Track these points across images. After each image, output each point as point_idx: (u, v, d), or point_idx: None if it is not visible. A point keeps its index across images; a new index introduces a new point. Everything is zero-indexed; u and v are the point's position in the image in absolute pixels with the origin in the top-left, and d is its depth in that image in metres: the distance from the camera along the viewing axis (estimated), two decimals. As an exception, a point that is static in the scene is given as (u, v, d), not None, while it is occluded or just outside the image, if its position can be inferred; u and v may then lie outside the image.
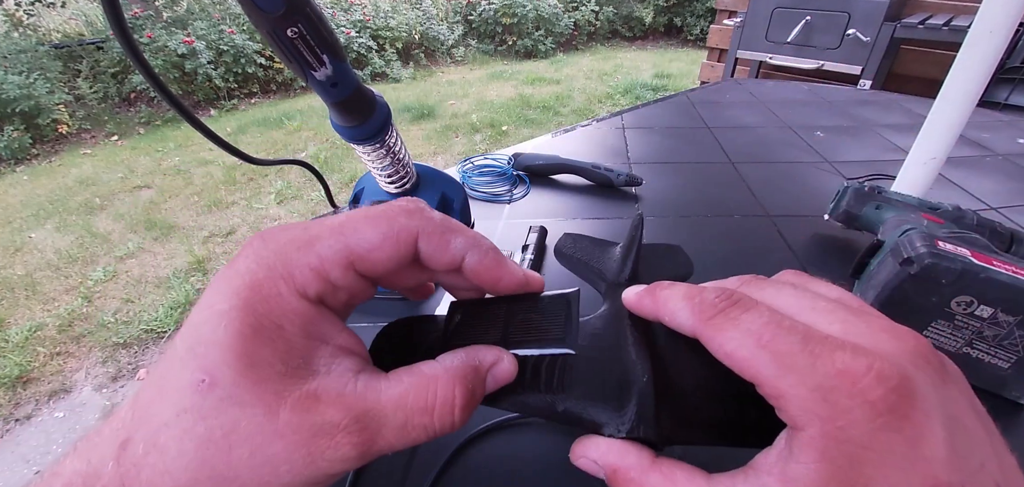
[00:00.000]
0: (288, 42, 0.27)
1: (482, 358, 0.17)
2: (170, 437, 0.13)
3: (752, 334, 0.14)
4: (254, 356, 0.14)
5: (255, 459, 0.13)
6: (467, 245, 0.17)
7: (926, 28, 1.79)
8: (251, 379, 0.13)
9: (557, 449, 0.29)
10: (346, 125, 0.35)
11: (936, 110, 0.45)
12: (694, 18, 6.05)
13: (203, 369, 0.13)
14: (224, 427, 0.13)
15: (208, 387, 0.13)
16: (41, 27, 3.78)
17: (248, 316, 0.14)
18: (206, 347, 0.13)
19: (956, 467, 0.12)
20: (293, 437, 0.13)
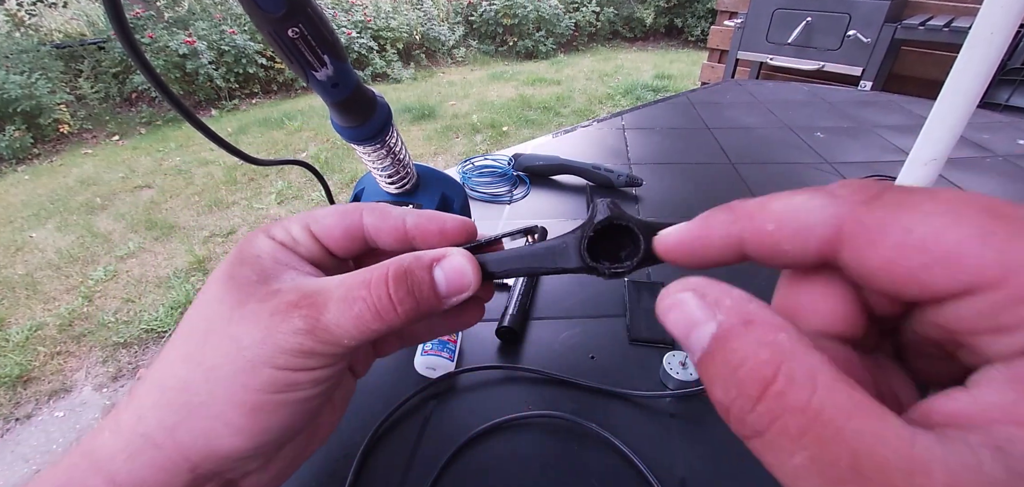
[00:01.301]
0: (289, 42, 0.27)
1: (423, 254, 0.17)
2: (166, 348, 0.17)
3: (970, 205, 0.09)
4: (235, 274, 0.17)
5: (222, 340, 0.16)
6: (404, 213, 0.19)
7: (927, 29, 1.79)
8: (229, 287, 0.16)
9: (557, 449, 0.29)
10: (347, 125, 0.36)
11: (936, 111, 0.45)
12: (695, 19, 6.04)
13: (199, 294, 0.17)
14: (202, 322, 0.16)
15: (199, 301, 0.17)
16: (43, 27, 3.79)
17: (235, 254, 0.18)
18: (207, 283, 0.17)
19: None
20: (253, 319, 0.16)
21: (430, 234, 0.19)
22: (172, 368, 0.16)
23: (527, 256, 0.18)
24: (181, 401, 0.15)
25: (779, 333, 0.09)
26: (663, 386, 0.33)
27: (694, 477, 0.27)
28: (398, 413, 0.31)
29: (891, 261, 0.09)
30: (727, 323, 0.10)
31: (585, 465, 0.28)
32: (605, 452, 0.29)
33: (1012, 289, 0.08)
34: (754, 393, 0.09)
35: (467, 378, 0.34)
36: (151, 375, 0.16)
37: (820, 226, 0.10)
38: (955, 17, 1.84)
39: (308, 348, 0.16)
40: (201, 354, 0.16)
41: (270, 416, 0.16)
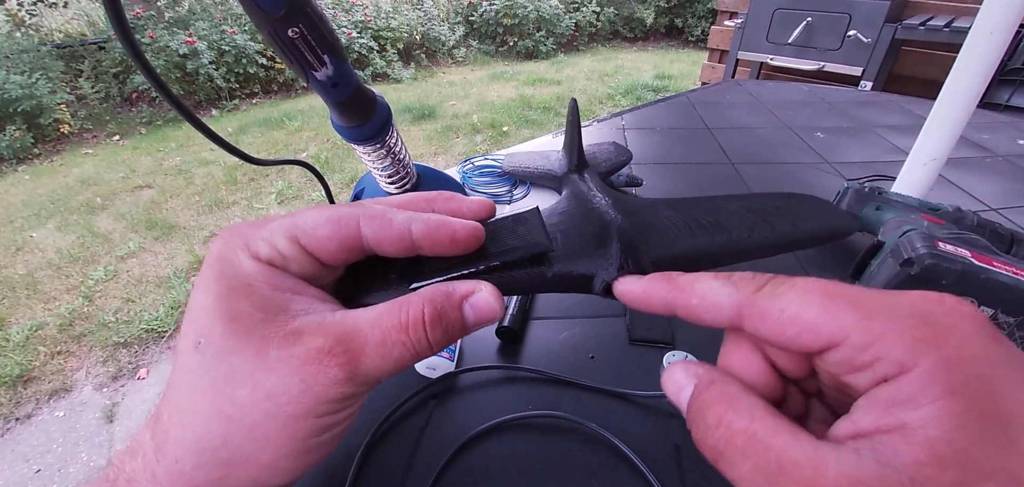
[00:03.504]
0: (289, 42, 0.27)
1: (454, 286, 0.17)
2: (184, 397, 0.15)
3: (815, 290, 0.13)
4: (234, 311, 0.15)
5: (256, 394, 0.15)
6: (410, 218, 0.17)
7: (927, 29, 1.79)
8: (236, 330, 0.15)
9: (557, 449, 0.29)
10: (347, 125, 0.36)
11: (936, 111, 0.45)
12: (695, 19, 6.04)
13: (196, 333, 0.15)
14: (224, 374, 0.15)
15: (203, 346, 0.15)
16: (43, 27, 3.79)
17: (221, 281, 0.16)
18: (196, 315, 0.16)
19: None
20: (284, 369, 0.15)
21: (441, 245, 0.18)
22: (206, 425, 0.15)
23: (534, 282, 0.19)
24: (224, 457, 0.15)
25: (729, 386, 0.14)
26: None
27: (694, 478, 0.27)
28: (398, 413, 0.31)
29: (775, 331, 0.14)
30: (699, 383, 0.15)
31: (585, 465, 0.28)
32: (605, 452, 0.29)
33: (851, 343, 0.12)
34: (714, 425, 0.14)
35: (467, 378, 0.34)
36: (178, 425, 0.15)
37: (727, 307, 0.15)
38: (955, 17, 1.84)
39: (348, 394, 0.16)
40: (235, 411, 0.15)
41: (312, 455, 0.16)
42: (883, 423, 0.11)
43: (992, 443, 0.10)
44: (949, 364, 0.11)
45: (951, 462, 0.10)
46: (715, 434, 0.14)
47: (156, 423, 0.16)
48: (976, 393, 0.11)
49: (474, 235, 0.18)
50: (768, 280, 0.14)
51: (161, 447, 0.15)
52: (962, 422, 0.10)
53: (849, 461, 0.11)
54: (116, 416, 1.36)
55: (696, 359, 0.23)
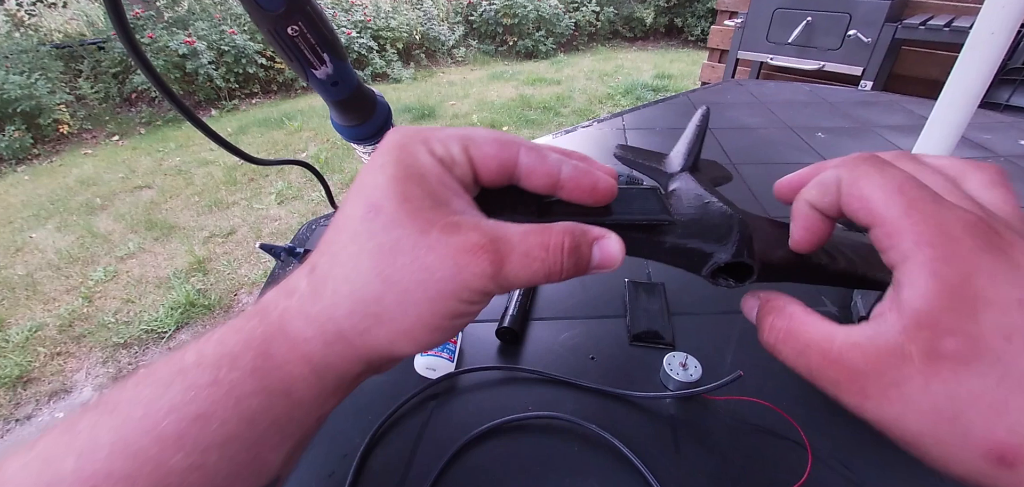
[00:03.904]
0: (289, 40, 0.27)
1: (588, 227, 0.19)
2: (347, 255, 0.18)
3: (895, 181, 0.16)
4: (407, 192, 0.17)
5: (414, 266, 0.17)
6: (561, 159, 0.20)
7: (927, 29, 1.79)
8: (406, 208, 0.17)
9: (557, 450, 0.29)
10: (347, 124, 0.35)
11: (938, 111, 0.45)
12: (695, 19, 6.04)
13: (370, 202, 0.18)
14: (389, 242, 0.17)
15: (375, 214, 0.17)
16: (42, 27, 3.79)
17: (400, 166, 0.18)
18: (371, 188, 0.18)
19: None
20: (442, 251, 0.17)
21: (582, 190, 0.20)
22: (365, 282, 0.17)
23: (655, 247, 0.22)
24: (374, 312, 0.17)
25: (777, 301, 0.19)
26: (663, 387, 0.33)
27: (694, 478, 0.27)
28: (398, 414, 0.31)
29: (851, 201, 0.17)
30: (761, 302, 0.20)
31: (585, 466, 0.28)
32: (605, 453, 0.29)
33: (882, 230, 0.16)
34: (767, 329, 0.19)
35: (467, 379, 0.34)
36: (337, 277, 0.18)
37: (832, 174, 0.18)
38: (955, 17, 1.84)
39: (489, 290, 0.18)
40: (393, 274, 0.17)
41: (443, 334, 0.18)
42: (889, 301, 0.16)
43: (958, 313, 0.14)
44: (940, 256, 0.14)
45: (926, 326, 0.14)
46: (768, 335, 0.19)
47: (312, 272, 0.18)
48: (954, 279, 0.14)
49: (610, 189, 0.21)
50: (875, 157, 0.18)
51: (317, 292, 0.18)
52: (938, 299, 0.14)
53: (851, 332, 0.16)
54: (116, 416, 1.36)
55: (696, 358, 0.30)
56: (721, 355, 0.35)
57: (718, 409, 0.31)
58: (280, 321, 0.18)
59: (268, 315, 0.18)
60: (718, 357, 0.35)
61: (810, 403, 0.31)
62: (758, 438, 0.29)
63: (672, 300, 0.40)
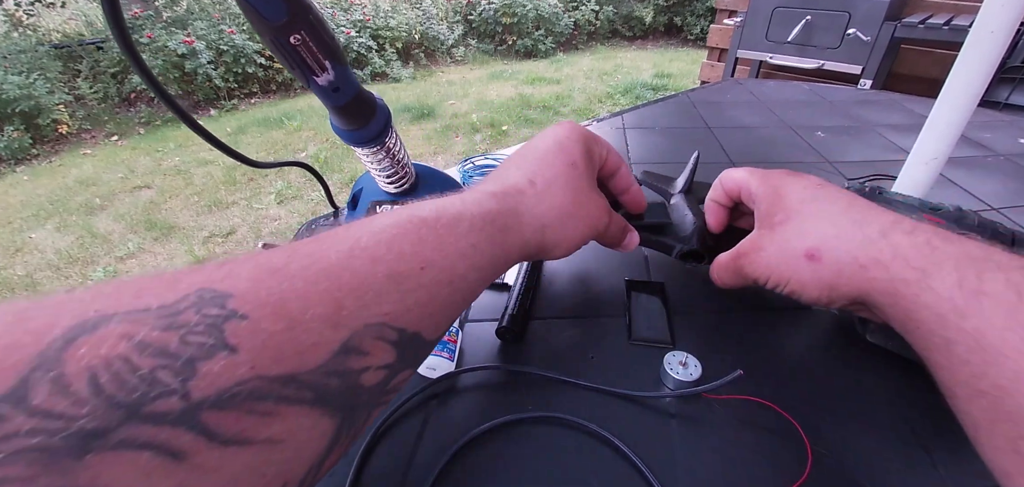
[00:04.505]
0: (291, 49, 0.27)
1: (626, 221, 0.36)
2: (558, 184, 0.29)
3: (740, 170, 0.33)
4: (588, 163, 0.31)
5: (586, 206, 0.30)
6: (633, 181, 0.36)
7: (926, 28, 1.79)
8: (588, 171, 0.31)
9: (557, 449, 0.29)
10: (347, 128, 0.35)
11: (937, 110, 0.45)
12: (694, 18, 6.04)
13: (572, 159, 0.30)
14: (579, 187, 0.30)
15: (573, 167, 0.30)
16: (41, 27, 3.78)
17: (585, 146, 0.31)
18: (571, 151, 0.30)
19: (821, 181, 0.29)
20: (595, 202, 0.31)
21: (635, 205, 0.37)
22: (567, 204, 0.29)
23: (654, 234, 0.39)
24: (562, 220, 0.29)
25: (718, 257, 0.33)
26: (663, 386, 0.33)
27: (694, 477, 0.27)
28: (398, 413, 0.31)
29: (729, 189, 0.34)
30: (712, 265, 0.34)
31: (585, 465, 0.28)
32: (605, 452, 0.29)
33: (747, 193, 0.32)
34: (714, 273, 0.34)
35: (467, 378, 0.34)
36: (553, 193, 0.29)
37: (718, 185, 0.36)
38: (955, 15, 1.84)
39: (600, 236, 0.33)
40: (578, 207, 0.30)
41: (583, 242, 0.31)
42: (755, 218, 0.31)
43: (777, 204, 0.29)
44: (767, 187, 0.30)
45: (766, 216, 0.30)
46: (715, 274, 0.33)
47: (532, 183, 0.29)
48: (774, 193, 0.29)
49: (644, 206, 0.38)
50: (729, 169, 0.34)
51: (540, 199, 0.28)
52: (769, 202, 0.29)
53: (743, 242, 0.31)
54: (116, 417, 1.36)
55: (696, 357, 0.34)
56: (721, 354, 0.35)
57: (718, 408, 0.31)
58: (515, 207, 0.27)
59: (506, 200, 0.27)
60: (718, 356, 0.35)
61: (810, 403, 0.31)
62: (758, 437, 0.29)
63: (672, 300, 0.40)
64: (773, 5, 2.09)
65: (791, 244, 0.27)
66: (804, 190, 0.28)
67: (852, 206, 0.26)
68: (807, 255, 0.26)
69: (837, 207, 0.27)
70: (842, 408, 0.31)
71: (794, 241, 0.27)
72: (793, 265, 0.27)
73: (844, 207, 0.26)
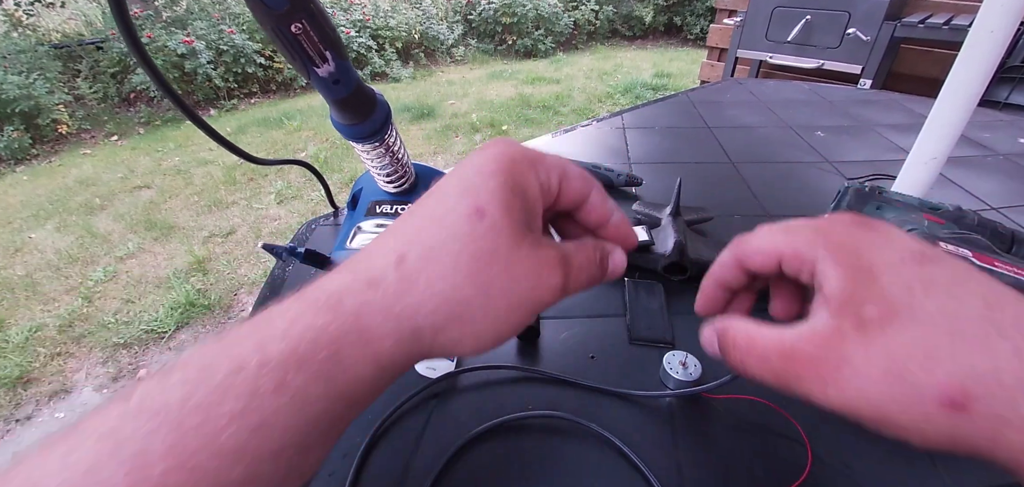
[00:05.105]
0: (292, 38, 0.27)
1: (604, 243, 0.23)
2: (446, 253, 0.18)
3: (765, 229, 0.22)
4: (511, 204, 0.19)
5: (504, 274, 0.18)
6: (613, 208, 0.24)
7: (926, 27, 1.79)
8: (508, 219, 0.18)
9: (557, 449, 0.29)
10: (347, 123, 0.35)
11: (937, 110, 0.45)
12: (694, 17, 6.04)
13: (477, 204, 0.18)
14: (488, 247, 0.18)
15: (479, 217, 0.18)
16: (40, 27, 3.78)
17: (509, 179, 0.19)
18: (478, 190, 0.19)
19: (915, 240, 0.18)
20: (528, 263, 0.19)
21: (623, 239, 0.24)
22: (460, 284, 0.18)
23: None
24: (458, 313, 0.18)
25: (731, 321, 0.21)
26: (663, 386, 0.33)
27: (694, 477, 0.27)
28: (398, 413, 0.31)
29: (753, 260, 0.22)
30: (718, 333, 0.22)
31: (585, 464, 0.28)
32: (605, 452, 0.29)
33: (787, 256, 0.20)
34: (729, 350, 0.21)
35: (467, 378, 0.34)
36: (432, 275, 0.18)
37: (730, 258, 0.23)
38: (954, 15, 1.84)
39: (556, 300, 0.20)
40: (486, 279, 0.18)
41: (503, 338, 0.20)
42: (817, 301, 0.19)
43: (864, 284, 0.17)
44: (833, 249, 0.18)
45: (847, 303, 0.17)
46: (734, 354, 0.21)
47: (400, 263, 0.18)
48: (850, 261, 0.18)
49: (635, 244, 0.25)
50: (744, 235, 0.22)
51: (407, 286, 0.18)
52: (846, 279, 0.17)
53: (795, 328, 0.18)
54: (116, 417, 1.36)
55: (696, 357, 0.32)
56: (721, 354, 0.35)
57: (718, 408, 0.31)
58: (357, 317, 0.17)
59: (342, 307, 0.17)
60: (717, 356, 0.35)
61: (810, 403, 0.31)
62: (758, 436, 0.29)
63: (672, 300, 0.40)
64: (773, 5, 2.09)
65: (910, 372, 0.15)
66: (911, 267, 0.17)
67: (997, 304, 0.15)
68: (945, 402, 0.15)
69: (974, 306, 0.15)
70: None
71: (916, 368, 0.15)
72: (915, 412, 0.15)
73: (984, 306, 0.15)
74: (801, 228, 0.20)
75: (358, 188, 0.47)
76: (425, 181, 0.46)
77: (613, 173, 0.59)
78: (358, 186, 0.47)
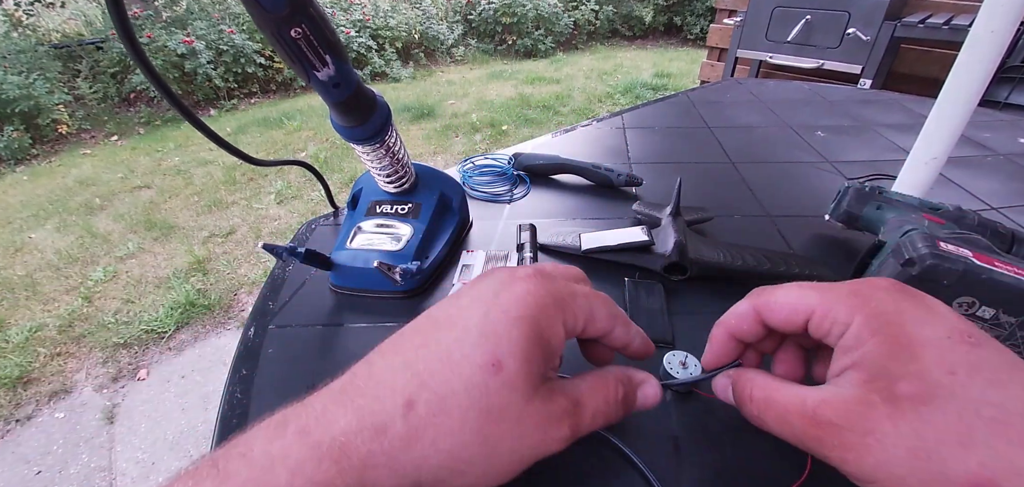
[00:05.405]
0: (291, 42, 0.27)
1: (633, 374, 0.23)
2: (457, 405, 0.17)
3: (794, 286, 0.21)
4: (530, 356, 0.18)
5: (513, 431, 0.18)
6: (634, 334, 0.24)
7: (926, 27, 1.79)
8: (525, 372, 0.18)
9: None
10: (347, 125, 0.35)
11: (937, 110, 0.45)
12: (694, 17, 6.04)
13: (495, 356, 0.18)
14: (501, 404, 0.17)
15: (496, 370, 0.17)
16: (40, 27, 3.78)
17: (534, 328, 0.19)
18: (499, 339, 0.18)
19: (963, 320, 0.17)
20: (538, 418, 0.18)
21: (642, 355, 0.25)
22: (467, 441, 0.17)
23: None
24: (459, 468, 0.17)
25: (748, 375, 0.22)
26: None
27: (694, 477, 0.27)
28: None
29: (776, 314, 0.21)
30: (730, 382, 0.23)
31: (585, 464, 0.28)
32: (605, 452, 0.29)
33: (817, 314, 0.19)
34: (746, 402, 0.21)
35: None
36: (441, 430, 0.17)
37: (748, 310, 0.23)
38: (954, 15, 1.84)
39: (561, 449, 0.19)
40: (493, 435, 0.17)
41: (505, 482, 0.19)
42: (842, 364, 0.18)
43: (902, 359, 0.16)
44: (872, 316, 0.17)
45: (880, 375, 0.17)
46: (751, 407, 0.21)
47: (409, 410, 0.17)
48: (890, 331, 0.17)
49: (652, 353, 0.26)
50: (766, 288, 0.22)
51: (415, 438, 0.17)
52: (883, 350, 0.17)
53: (818, 390, 0.18)
54: (116, 417, 1.36)
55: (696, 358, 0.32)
56: (721, 354, 0.35)
57: (718, 407, 0.31)
58: (361, 470, 0.16)
59: (348, 459, 0.16)
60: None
61: (810, 402, 0.31)
62: (758, 436, 0.29)
63: (672, 300, 0.40)
64: (773, 5, 2.09)
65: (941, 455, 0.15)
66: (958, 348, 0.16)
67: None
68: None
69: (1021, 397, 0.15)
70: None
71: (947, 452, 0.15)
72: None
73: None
74: (838, 289, 0.19)
75: (358, 188, 0.47)
76: (425, 181, 0.46)
77: (613, 173, 0.59)
78: (358, 186, 0.47)
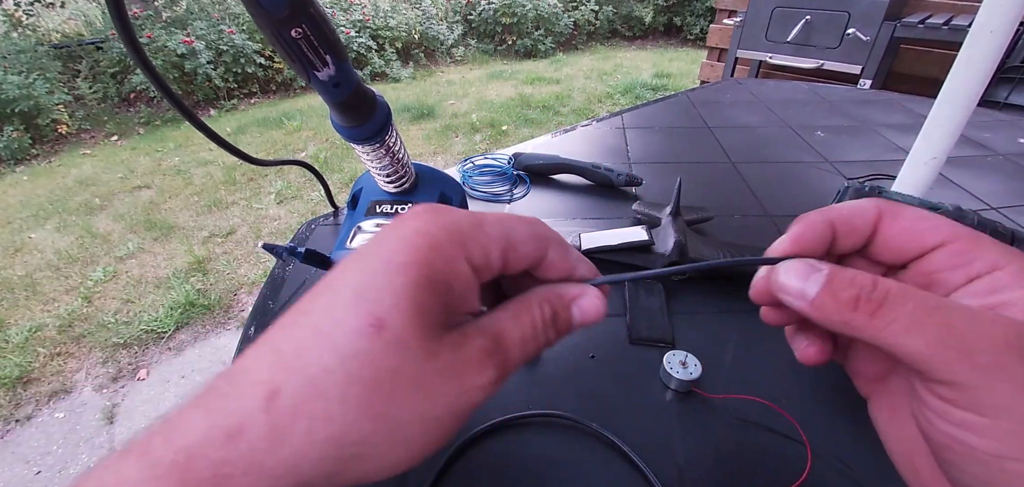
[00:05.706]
0: (292, 42, 0.27)
1: (563, 291, 0.18)
2: (332, 383, 0.13)
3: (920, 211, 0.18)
4: (423, 305, 0.14)
5: (414, 395, 0.14)
6: (578, 259, 0.19)
7: (926, 27, 1.79)
8: (418, 325, 0.14)
9: (557, 449, 0.29)
10: (347, 125, 0.35)
11: (936, 110, 0.45)
12: (694, 17, 6.04)
13: (373, 315, 0.14)
14: (390, 370, 0.14)
15: (376, 331, 0.14)
16: (40, 27, 3.78)
17: (425, 270, 0.15)
18: (379, 294, 0.14)
19: None
20: (447, 372, 0.15)
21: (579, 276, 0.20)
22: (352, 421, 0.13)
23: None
24: (354, 454, 0.14)
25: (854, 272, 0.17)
26: (663, 386, 0.33)
27: (694, 477, 0.27)
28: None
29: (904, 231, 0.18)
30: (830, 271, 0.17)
31: (585, 463, 0.28)
32: (605, 450, 0.29)
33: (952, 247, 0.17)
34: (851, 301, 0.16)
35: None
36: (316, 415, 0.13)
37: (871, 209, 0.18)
38: (954, 15, 1.84)
39: (492, 395, 0.16)
40: (388, 411, 0.14)
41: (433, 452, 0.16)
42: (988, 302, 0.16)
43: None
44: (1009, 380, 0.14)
45: None
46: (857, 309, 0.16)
47: (272, 400, 0.13)
48: None
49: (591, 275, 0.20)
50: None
51: (281, 434, 0.13)
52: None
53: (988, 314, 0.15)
54: (116, 417, 1.36)
55: (696, 358, 0.31)
56: (721, 353, 0.35)
57: (718, 407, 0.31)
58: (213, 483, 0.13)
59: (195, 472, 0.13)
60: (718, 355, 0.35)
61: (809, 401, 0.31)
62: (757, 436, 0.29)
63: (672, 299, 0.40)
64: (773, 5, 2.09)
65: None
66: None
67: None
68: None
69: None
70: (842, 407, 0.31)
71: None
72: None
73: None
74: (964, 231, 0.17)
75: (358, 188, 0.47)
76: (425, 181, 0.46)
77: (613, 173, 0.59)
78: (358, 186, 0.47)
